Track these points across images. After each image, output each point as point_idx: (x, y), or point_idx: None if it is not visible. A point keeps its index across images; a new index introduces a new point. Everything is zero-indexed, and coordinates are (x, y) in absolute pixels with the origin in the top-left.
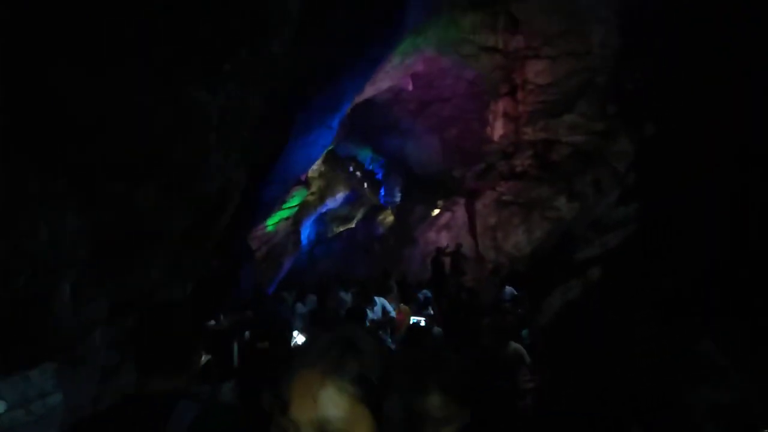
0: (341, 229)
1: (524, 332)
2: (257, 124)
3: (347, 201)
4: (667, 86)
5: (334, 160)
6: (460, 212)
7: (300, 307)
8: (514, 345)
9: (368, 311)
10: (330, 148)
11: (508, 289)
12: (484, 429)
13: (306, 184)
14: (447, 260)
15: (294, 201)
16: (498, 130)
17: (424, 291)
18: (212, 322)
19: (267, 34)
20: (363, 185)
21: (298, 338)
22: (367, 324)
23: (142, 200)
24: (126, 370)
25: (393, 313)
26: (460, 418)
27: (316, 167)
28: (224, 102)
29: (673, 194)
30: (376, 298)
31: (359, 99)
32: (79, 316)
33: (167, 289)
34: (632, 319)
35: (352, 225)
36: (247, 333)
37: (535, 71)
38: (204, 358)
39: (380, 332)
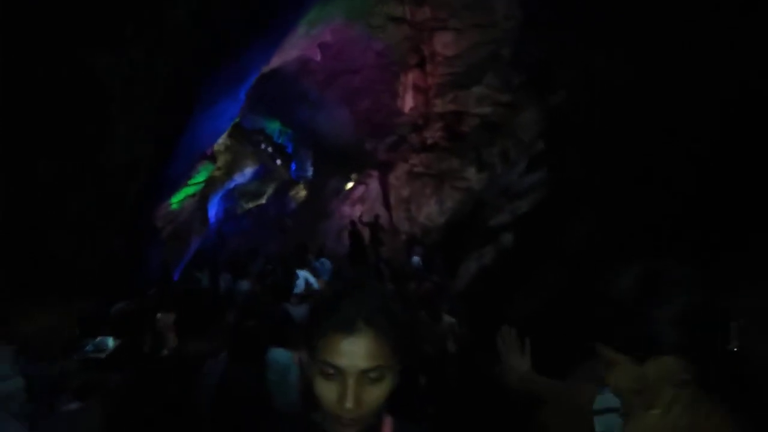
0: (251, 205)
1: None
2: (163, 96)
3: (256, 176)
4: (569, 56)
5: (241, 133)
6: (374, 185)
7: (244, 284)
8: (448, 318)
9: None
10: (236, 120)
11: (415, 258)
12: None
13: (212, 158)
14: (364, 231)
15: (200, 177)
16: (408, 102)
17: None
18: (118, 304)
19: None
20: (273, 159)
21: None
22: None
23: (43, 174)
24: None
25: (316, 285)
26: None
27: (222, 141)
28: (128, 71)
29: (577, 162)
30: (298, 272)
31: (266, 69)
32: None
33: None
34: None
35: (263, 201)
36: (159, 315)
37: (443, 43)
38: (111, 343)
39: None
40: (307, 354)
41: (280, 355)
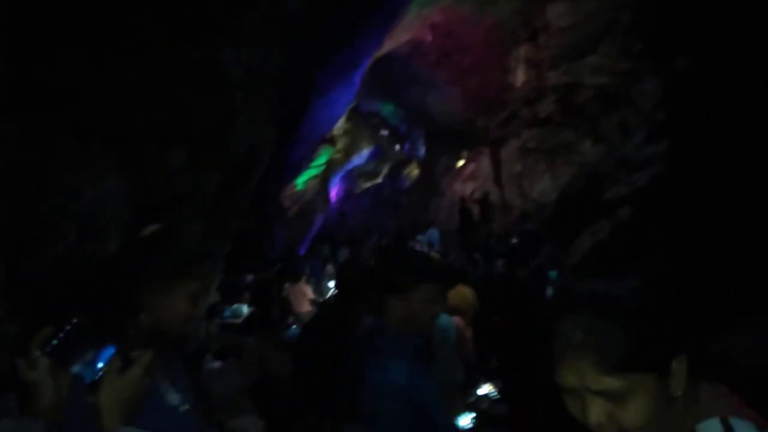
0: (368, 184)
1: (553, 273)
2: (281, 83)
3: (372, 156)
4: (693, 21)
5: (357, 116)
6: (485, 162)
7: (329, 269)
8: None
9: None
10: (353, 104)
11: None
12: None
13: (331, 142)
14: (475, 208)
15: (321, 159)
16: (520, 76)
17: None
18: (249, 276)
19: None
20: (388, 140)
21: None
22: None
23: (174, 163)
24: None
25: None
26: None
27: (340, 125)
28: (248, 60)
29: (702, 132)
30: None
31: (379, 53)
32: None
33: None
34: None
35: (379, 180)
36: (286, 285)
37: (557, 13)
38: (246, 310)
39: None
40: None
41: (441, 318)
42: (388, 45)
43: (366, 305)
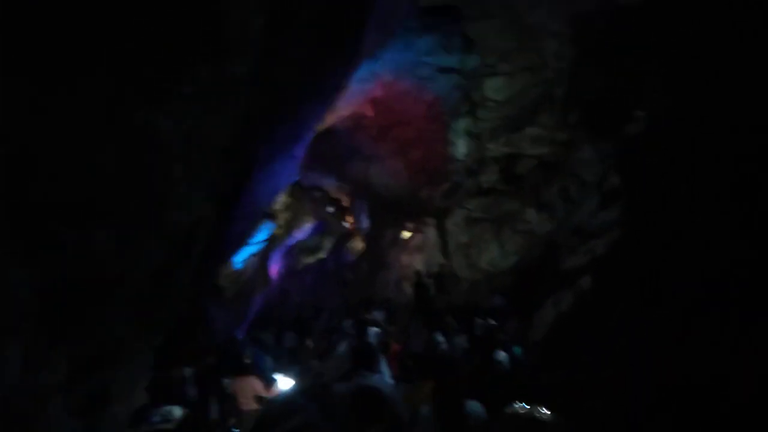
0: (311, 260)
1: (517, 350)
2: (223, 154)
3: (315, 231)
4: (627, 90)
5: (299, 190)
6: (431, 233)
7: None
8: None
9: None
10: (294, 179)
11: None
12: None
13: (272, 217)
14: (430, 282)
15: (261, 236)
16: (461, 148)
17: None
18: (183, 370)
19: (229, 52)
20: (330, 214)
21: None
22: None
23: (101, 244)
24: None
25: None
26: None
27: (281, 200)
28: (188, 129)
29: (655, 195)
30: (369, 330)
31: (321, 128)
32: (31, 384)
33: (136, 342)
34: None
35: (322, 255)
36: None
37: (494, 88)
38: (179, 412)
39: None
40: None
41: (476, 407)
42: (331, 119)
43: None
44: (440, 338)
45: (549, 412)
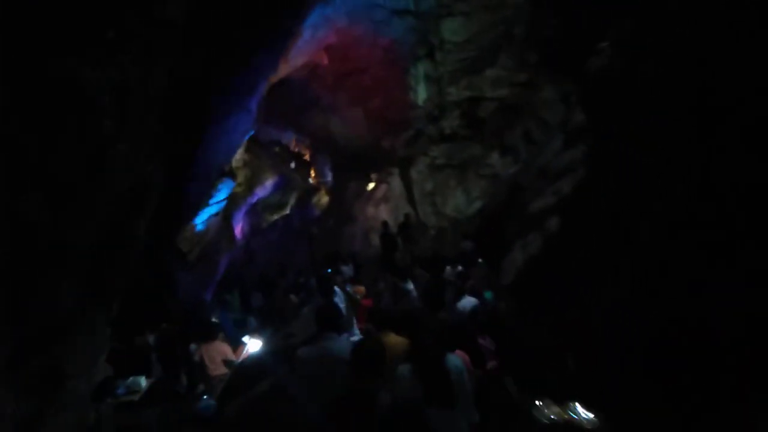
0: (275, 217)
1: (487, 294)
2: (166, 109)
3: (277, 187)
4: (589, 23)
5: (257, 146)
6: (396, 182)
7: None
8: None
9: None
10: (251, 134)
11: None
12: None
13: (231, 175)
14: (397, 233)
15: (221, 195)
16: (421, 93)
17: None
18: (150, 338)
19: None
20: (292, 169)
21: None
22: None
23: (33, 212)
24: (47, 421)
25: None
26: None
27: (239, 157)
28: (118, 80)
29: (621, 131)
30: (336, 289)
31: (276, 79)
32: None
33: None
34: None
35: (287, 211)
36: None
37: (451, 29)
38: (144, 382)
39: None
40: None
41: (455, 360)
42: (284, 69)
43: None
44: (410, 287)
45: (586, 413)
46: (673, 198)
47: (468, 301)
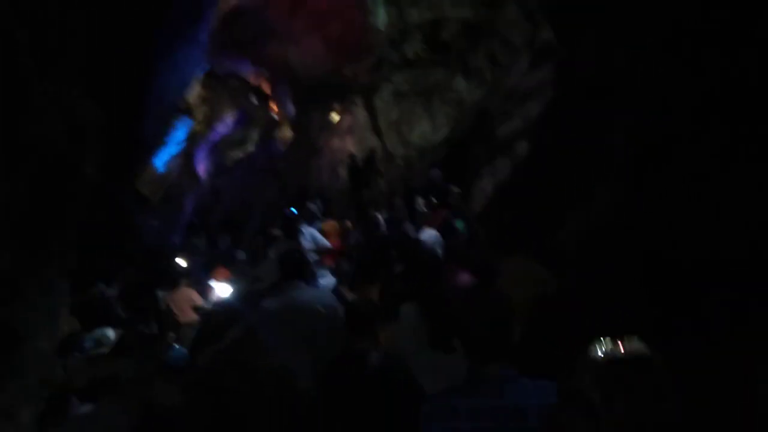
0: (239, 154)
1: (459, 223)
2: (98, 42)
3: (238, 123)
4: None
5: (214, 81)
6: (360, 112)
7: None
8: None
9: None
10: (206, 69)
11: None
12: None
13: (188, 112)
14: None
15: (180, 134)
16: (381, 17)
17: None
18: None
19: None
20: (252, 103)
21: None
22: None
23: None
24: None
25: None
26: None
27: (196, 93)
28: (26, 9)
29: (591, 47)
30: (303, 229)
31: (227, 7)
32: None
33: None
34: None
35: (250, 147)
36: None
37: None
38: (113, 334)
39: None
40: None
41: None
42: None
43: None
44: (380, 219)
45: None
46: (650, 115)
47: (428, 234)
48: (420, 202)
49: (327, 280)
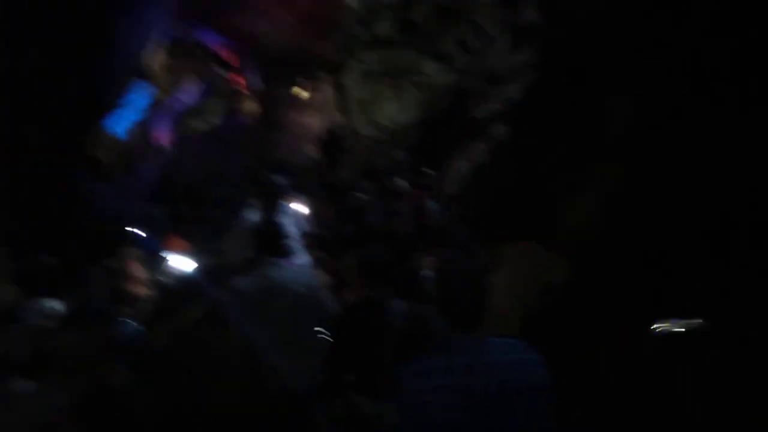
0: (202, 124)
1: (432, 204)
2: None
3: (202, 93)
4: None
5: (179, 49)
6: (328, 90)
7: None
8: None
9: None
10: (171, 35)
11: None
12: None
13: (150, 79)
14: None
15: (142, 101)
16: None
17: None
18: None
19: None
20: (217, 74)
21: None
22: None
23: None
24: None
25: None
26: None
27: (160, 60)
28: None
29: (575, 29)
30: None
31: None
32: None
33: None
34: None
35: (214, 119)
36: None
37: None
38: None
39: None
40: None
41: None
42: None
43: None
44: (356, 200)
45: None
46: (644, 96)
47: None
48: (390, 182)
49: (303, 258)
